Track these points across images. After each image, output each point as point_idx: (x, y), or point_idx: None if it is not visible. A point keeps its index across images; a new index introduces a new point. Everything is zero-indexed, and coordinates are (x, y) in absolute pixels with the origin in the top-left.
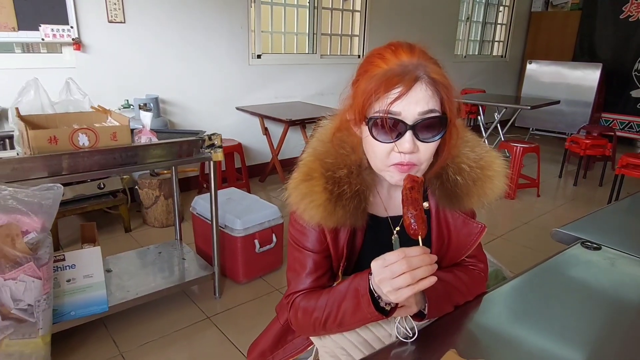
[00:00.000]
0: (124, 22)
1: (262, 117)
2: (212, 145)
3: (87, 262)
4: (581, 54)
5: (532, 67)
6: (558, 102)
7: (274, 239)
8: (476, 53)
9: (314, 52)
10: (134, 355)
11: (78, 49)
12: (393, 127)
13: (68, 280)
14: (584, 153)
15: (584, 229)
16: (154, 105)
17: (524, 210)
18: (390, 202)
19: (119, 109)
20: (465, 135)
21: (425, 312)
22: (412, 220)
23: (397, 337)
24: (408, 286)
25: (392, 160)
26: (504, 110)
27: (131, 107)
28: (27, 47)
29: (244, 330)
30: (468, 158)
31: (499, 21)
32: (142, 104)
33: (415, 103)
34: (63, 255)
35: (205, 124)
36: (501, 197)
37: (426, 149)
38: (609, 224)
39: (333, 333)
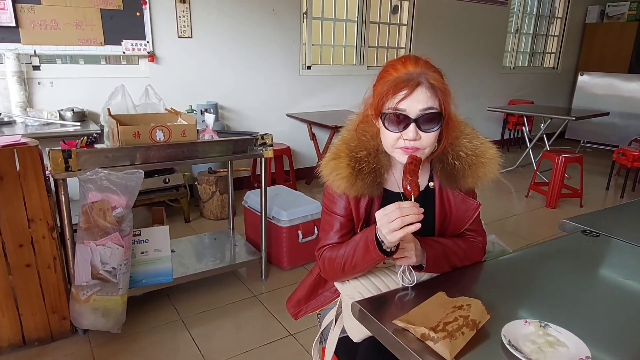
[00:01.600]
0: (191, 37)
1: (310, 124)
2: (263, 144)
3: (158, 238)
4: (637, 66)
5: (583, 79)
6: (607, 114)
7: (316, 231)
8: (526, 65)
9: (361, 63)
10: (191, 321)
11: (152, 60)
12: (400, 121)
13: (142, 252)
14: (631, 165)
15: (589, 221)
16: (214, 110)
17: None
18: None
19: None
20: (465, 129)
21: (424, 265)
22: (408, 184)
23: (401, 284)
24: (400, 228)
25: (399, 145)
26: (549, 121)
27: (194, 112)
28: (111, 59)
29: (285, 308)
30: (466, 147)
31: (551, 33)
32: (204, 109)
33: (417, 102)
34: (139, 231)
35: (258, 128)
36: (493, 180)
37: (427, 137)
38: (615, 218)
39: (351, 275)
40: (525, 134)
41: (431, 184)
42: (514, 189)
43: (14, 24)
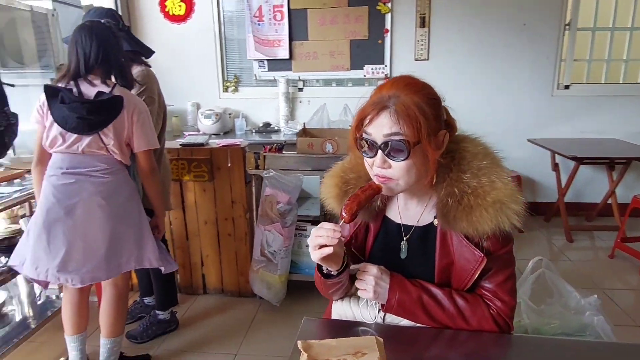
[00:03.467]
0: (427, 59)
1: (554, 153)
2: None
3: None
4: None
5: None
6: None
7: None
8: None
9: None
10: None
11: None
12: (371, 146)
13: (307, 246)
14: None
15: None
16: None
17: None
18: (405, 212)
19: None
20: (480, 161)
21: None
22: (344, 207)
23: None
24: (317, 249)
25: (374, 172)
26: None
27: None
28: (355, 82)
29: None
30: (466, 184)
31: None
32: None
33: (381, 127)
34: (306, 227)
35: None
36: (494, 230)
37: (397, 167)
38: None
39: (327, 296)
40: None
41: (436, 221)
42: (590, 244)
43: (287, 57)
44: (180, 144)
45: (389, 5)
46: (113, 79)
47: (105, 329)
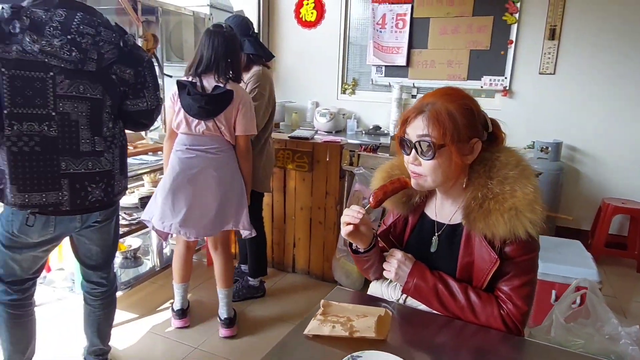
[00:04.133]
0: (554, 74)
1: None
2: None
3: None
4: None
5: None
6: None
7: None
8: None
9: None
10: None
11: (505, 95)
12: (405, 145)
13: None
14: None
15: None
16: (553, 149)
17: None
18: (440, 210)
19: (524, 148)
20: (509, 171)
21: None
22: (372, 194)
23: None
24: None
25: (410, 168)
26: None
27: (534, 148)
28: (471, 92)
29: None
30: (490, 190)
31: None
32: (544, 147)
33: (415, 128)
34: None
35: (618, 179)
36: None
37: (425, 165)
38: None
39: (361, 272)
40: None
41: (464, 221)
42: None
43: (404, 64)
44: (289, 136)
45: (517, 15)
46: (227, 75)
47: (221, 283)
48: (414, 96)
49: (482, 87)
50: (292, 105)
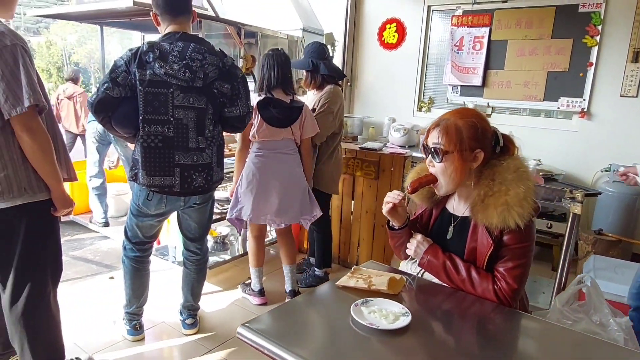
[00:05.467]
0: (636, 97)
1: None
2: (572, 198)
3: None
4: None
5: None
6: None
7: None
8: None
9: None
10: None
11: (583, 117)
12: (426, 150)
13: None
14: None
15: None
16: None
17: None
18: (457, 206)
19: (601, 171)
20: (511, 174)
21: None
22: (410, 183)
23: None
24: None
25: (429, 169)
26: None
27: (610, 171)
28: (546, 113)
29: None
30: (490, 189)
31: None
32: (617, 170)
33: (432, 137)
34: None
35: None
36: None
37: (437, 167)
38: None
39: (393, 249)
40: None
41: (470, 213)
42: None
43: (480, 84)
44: (359, 147)
45: (597, 38)
46: (292, 89)
47: (286, 259)
48: (488, 115)
49: (558, 108)
50: (370, 120)
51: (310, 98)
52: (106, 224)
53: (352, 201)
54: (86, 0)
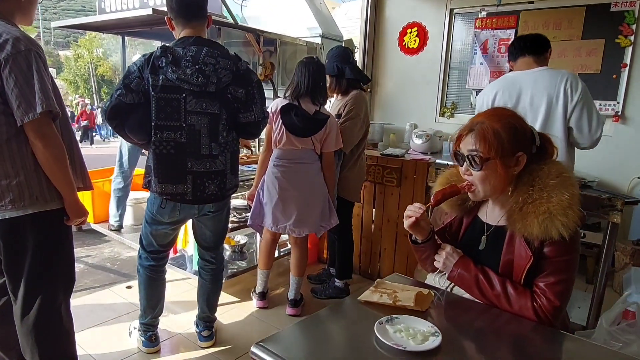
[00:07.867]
0: None
1: None
2: (611, 206)
3: None
4: None
5: None
6: None
7: None
8: None
9: None
10: None
11: (617, 120)
12: (460, 158)
13: None
14: None
15: None
16: None
17: None
18: (491, 214)
19: (638, 178)
20: (550, 181)
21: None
22: (433, 195)
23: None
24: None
25: (464, 177)
26: None
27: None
28: None
29: None
30: (529, 196)
31: None
32: None
33: (466, 144)
34: None
35: None
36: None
37: (476, 176)
38: None
39: (419, 262)
40: None
41: (507, 222)
42: None
43: None
44: (380, 154)
45: (631, 38)
46: (321, 99)
47: (295, 271)
48: None
49: None
50: (391, 127)
51: (334, 105)
52: (119, 228)
53: (374, 209)
54: (108, 11)
